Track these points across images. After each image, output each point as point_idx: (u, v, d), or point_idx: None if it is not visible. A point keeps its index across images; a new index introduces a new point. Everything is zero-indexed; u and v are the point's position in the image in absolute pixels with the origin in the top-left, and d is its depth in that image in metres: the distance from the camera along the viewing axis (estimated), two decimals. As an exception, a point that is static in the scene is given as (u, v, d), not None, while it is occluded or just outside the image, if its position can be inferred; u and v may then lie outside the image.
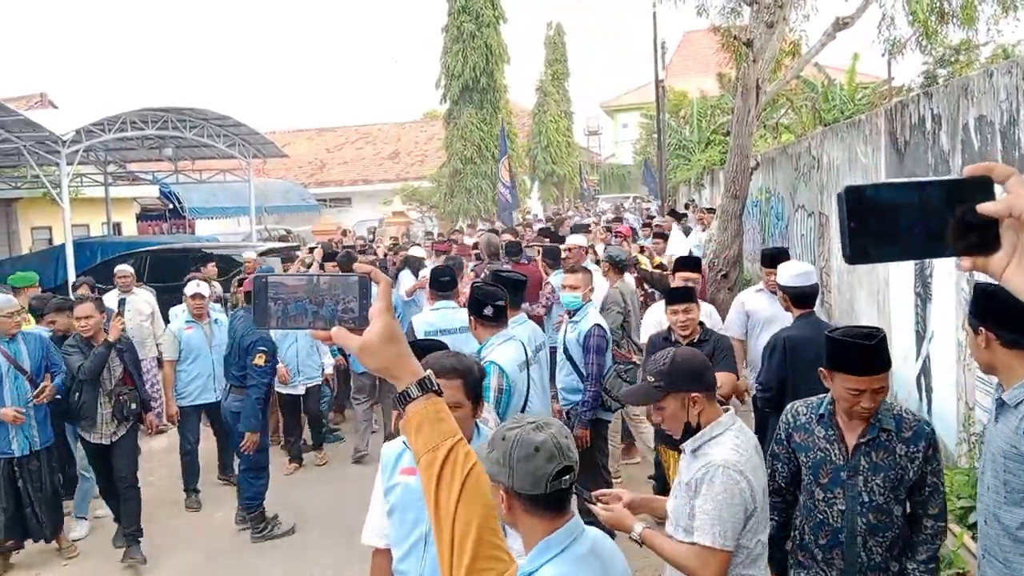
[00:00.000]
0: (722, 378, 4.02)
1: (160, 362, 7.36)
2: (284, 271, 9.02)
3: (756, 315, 5.51)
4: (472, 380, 2.65)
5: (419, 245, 12.92)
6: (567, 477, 1.85)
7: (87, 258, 12.92)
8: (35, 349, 5.71)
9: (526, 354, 4.11)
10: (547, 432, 1.89)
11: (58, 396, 5.66)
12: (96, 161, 16.91)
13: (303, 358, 7.36)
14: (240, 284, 7.10)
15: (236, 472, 6.53)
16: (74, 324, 5.80)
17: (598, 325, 5.20)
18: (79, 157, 12.53)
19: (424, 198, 26.19)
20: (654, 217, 16.72)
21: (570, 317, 5.36)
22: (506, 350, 3.96)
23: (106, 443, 5.64)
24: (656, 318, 5.39)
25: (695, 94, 27.12)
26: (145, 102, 13.14)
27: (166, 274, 11.43)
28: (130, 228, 22.69)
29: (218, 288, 9.08)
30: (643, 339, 5.42)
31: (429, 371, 1.29)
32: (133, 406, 5.72)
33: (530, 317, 5.26)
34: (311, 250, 9.20)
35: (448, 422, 1.28)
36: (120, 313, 7.05)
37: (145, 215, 24.00)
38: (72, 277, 11.33)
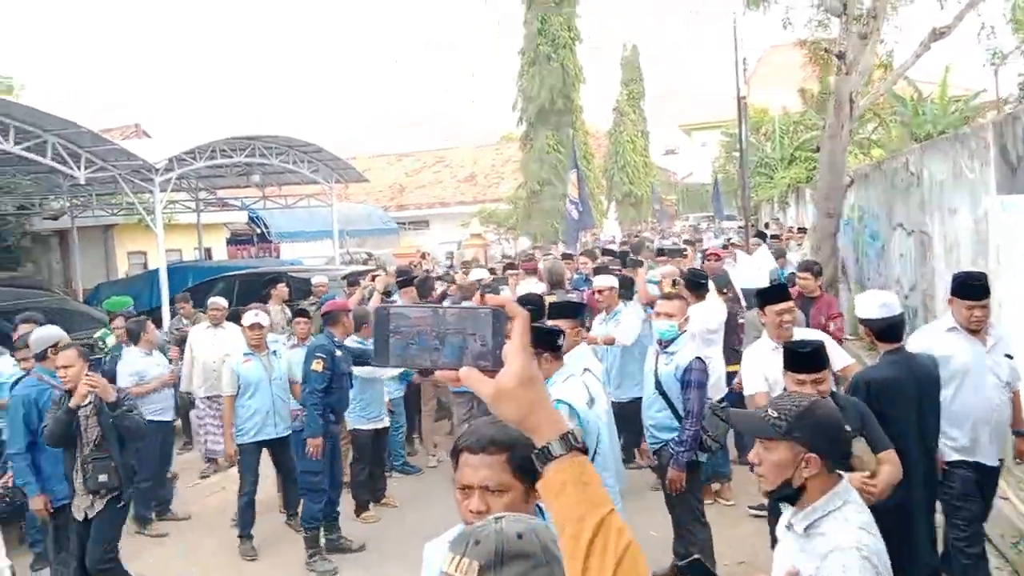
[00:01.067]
0: (886, 464, 3.20)
1: None
2: (347, 295, 8.93)
3: (951, 362, 4.07)
4: (520, 454, 1.94)
5: (483, 267, 12.78)
6: None
7: (180, 282, 13.33)
8: None
9: (588, 389, 3.85)
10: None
11: None
12: (188, 188, 17.54)
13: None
14: (301, 314, 7.06)
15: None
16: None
17: (699, 359, 4.89)
18: (172, 184, 12.96)
19: (501, 220, 26.27)
20: (731, 239, 16.20)
21: (663, 348, 5.00)
22: (573, 387, 3.72)
23: (80, 518, 4.88)
24: (759, 364, 4.57)
25: (776, 111, 26.51)
26: (233, 131, 13.54)
27: (253, 297, 11.67)
28: (220, 253, 23.46)
29: (287, 313, 9.11)
30: (746, 388, 4.73)
31: (573, 425, 1.14)
32: (102, 478, 4.80)
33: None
34: (373, 277, 8.86)
35: (596, 487, 1.11)
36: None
37: (234, 239, 24.80)
38: (166, 301, 11.70)
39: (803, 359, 3.30)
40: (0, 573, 4.37)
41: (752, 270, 7.79)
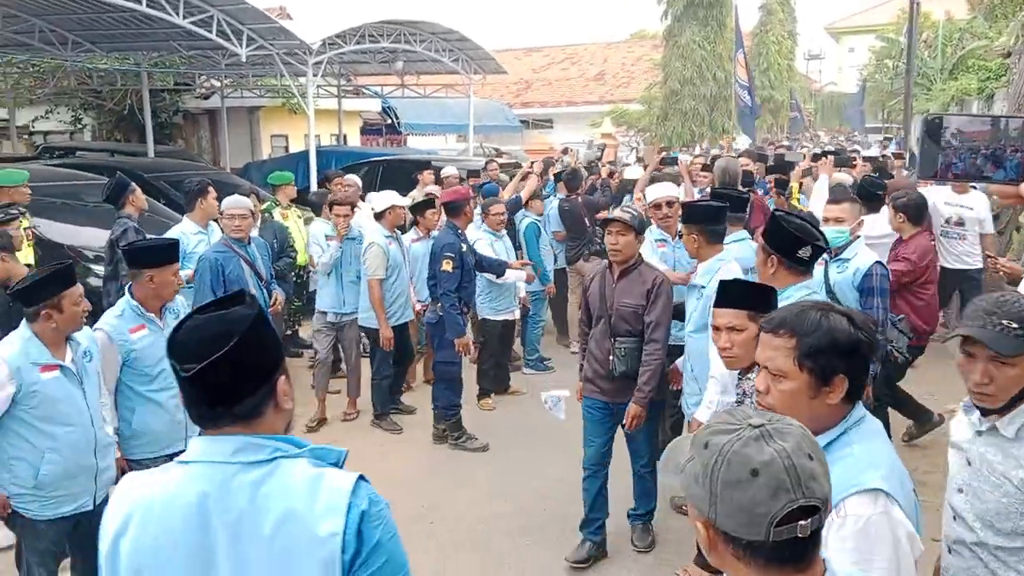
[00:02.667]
0: None
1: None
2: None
3: None
4: (809, 345, 1.86)
5: (633, 165, 12.49)
6: (807, 521, 1.23)
7: (323, 165, 13.70)
8: (265, 254, 5.80)
9: None
10: (775, 446, 1.24)
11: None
12: (329, 73, 17.80)
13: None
14: (429, 205, 6.79)
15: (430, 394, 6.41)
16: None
17: (879, 263, 4.60)
18: (323, 68, 13.15)
19: (633, 121, 25.56)
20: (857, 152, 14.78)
21: (834, 256, 4.71)
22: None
23: None
24: None
25: (940, 16, 24.29)
26: (380, 15, 13.51)
27: (396, 183, 11.89)
28: (354, 141, 23.94)
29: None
30: None
31: None
32: None
33: None
34: (531, 164, 8.79)
35: None
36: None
37: (366, 129, 25.19)
38: (314, 183, 12.07)
39: None
40: None
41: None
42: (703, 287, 4.23)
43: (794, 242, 3.18)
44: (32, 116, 19.30)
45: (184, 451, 1.65)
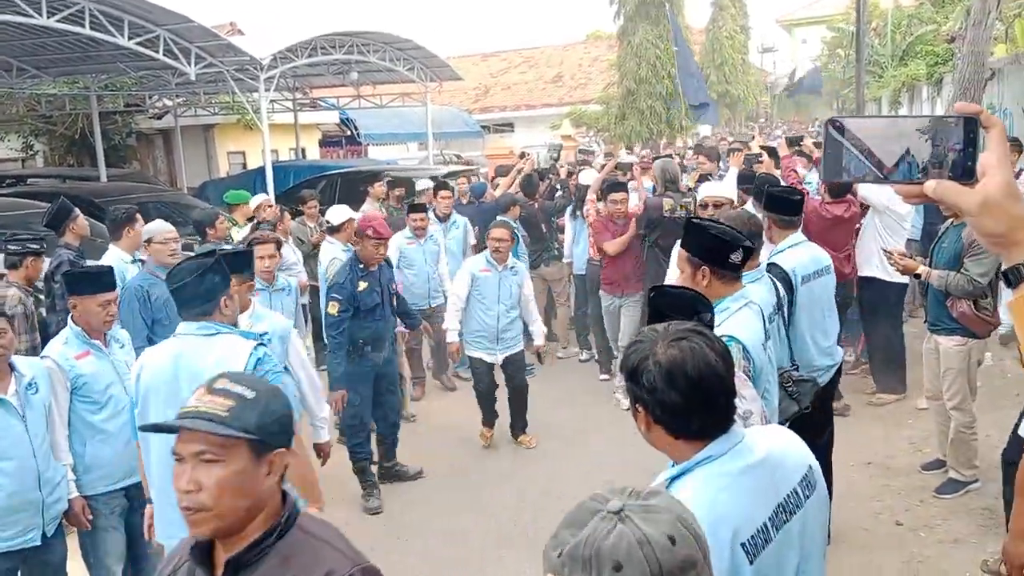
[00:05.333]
0: None
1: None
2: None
3: None
4: (623, 365, 1.82)
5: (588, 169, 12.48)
6: None
7: (281, 181, 13.58)
8: None
9: (765, 325, 3.11)
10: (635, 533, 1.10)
11: None
12: (283, 87, 17.65)
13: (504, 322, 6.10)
14: (418, 209, 7.09)
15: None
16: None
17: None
18: (275, 82, 13.04)
19: (592, 121, 25.66)
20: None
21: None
22: (748, 320, 2.92)
23: None
24: None
25: (888, 5, 24.70)
26: (331, 27, 13.44)
27: (353, 196, 11.81)
28: (313, 153, 23.78)
29: (384, 211, 9.00)
30: None
31: None
32: None
33: None
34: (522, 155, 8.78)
35: None
36: None
37: (325, 141, 25.02)
38: (272, 199, 11.92)
39: None
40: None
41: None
42: None
43: (723, 247, 2.88)
44: (-20, 145, 18.93)
45: (137, 482, 3.34)
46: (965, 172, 1.04)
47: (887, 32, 23.05)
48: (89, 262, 5.47)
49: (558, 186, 9.44)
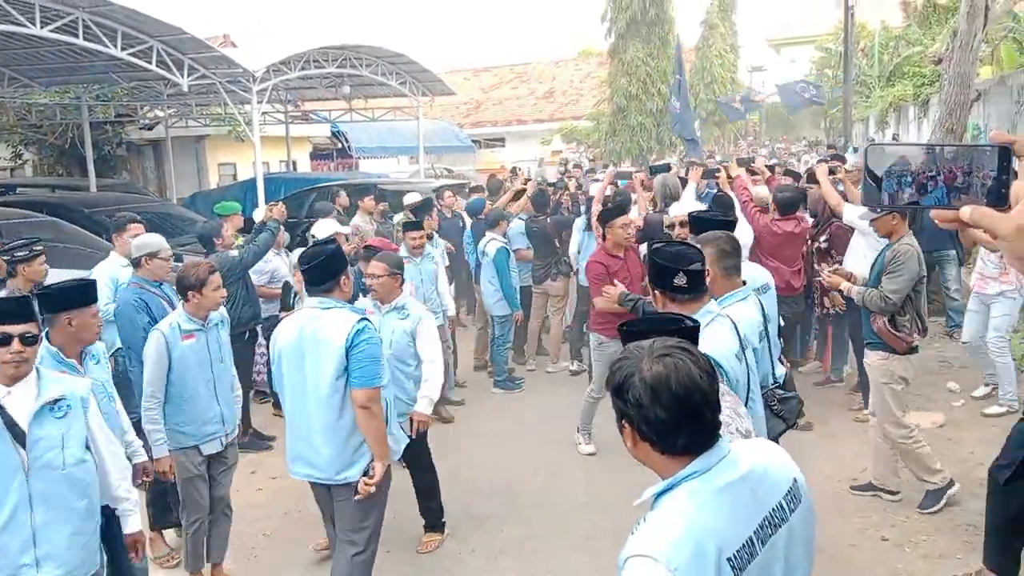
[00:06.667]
0: None
1: None
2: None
3: None
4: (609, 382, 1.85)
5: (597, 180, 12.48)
6: None
7: (272, 192, 13.57)
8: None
9: (739, 336, 3.11)
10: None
11: None
12: (275, 100, 17.67)
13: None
14: (413, 227, 6.97)
15: None
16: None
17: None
18: (268, 95, 13.06)
19: (583, 137, 25.78)
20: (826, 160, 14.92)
21: None
22: (716, 334, 2.96)
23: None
24: None
25: (875, 26, 24.99)
26: (324, 40, 13.48)
27: (349, 208, 11.82)
28: (304, 166, 23.79)
29: (374, 225, 9.02)
30: None
31: None
32: None
33: None
34: (526, 181, 8.82)
35: None
36: None
37: (316, 154, 25.04)
38: (263, 211, 11.90)
39: None
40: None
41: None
42: None
43: (665, 272, 2.99)
44: (-30, 154, 18.85)
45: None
46: (999, 198, 1.09)
47: (874, 53, 23.33)
48: (79, 273, 5.46)
49: (563, 201, 9.40)
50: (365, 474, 3.72)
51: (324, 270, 3.73)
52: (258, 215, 8.21)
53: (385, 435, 3.80)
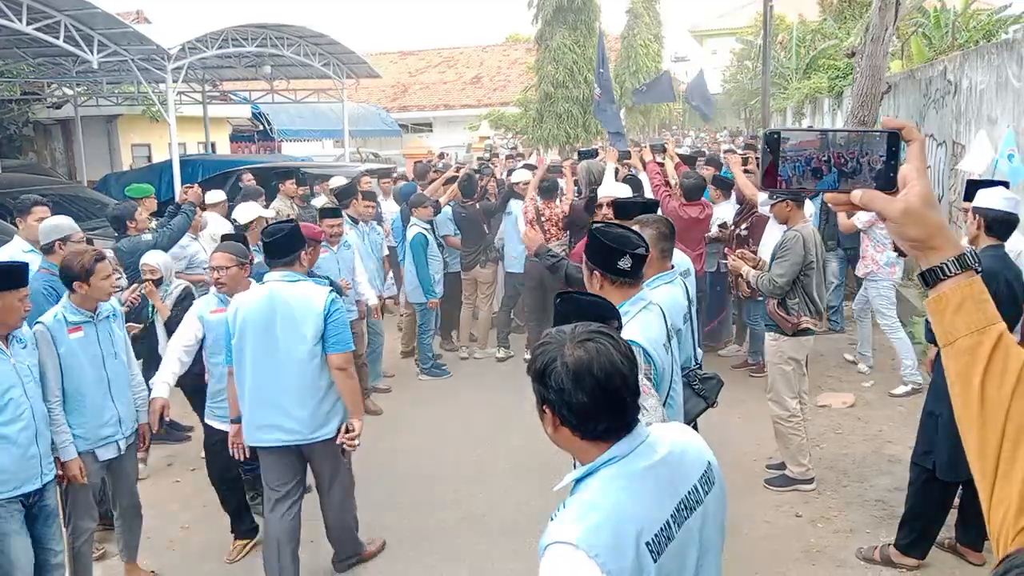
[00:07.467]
0: None
1: None
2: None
3: None
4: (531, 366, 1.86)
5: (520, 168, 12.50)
6: None
7: (189, 175, 13.12)
8: None
9: (667, 324, 3.10)
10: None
11: None
12: (193, 79, 17.07)
13: None
14: (331, 215, 6.65)
15: None
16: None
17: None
18: (183, 74, 12.61)
19: (511, 123, 25.74)
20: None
21: None
22: (648, 322, 2.95)
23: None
24: None
25: (793, 19, 25.71)
26: (245, 18, 13.08)
27: (268, 192, 11.51)
28: (223, 148, 23.09)
29: (295, 209, 8.88)
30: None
31: (969, 247, 1.14)
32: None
33: None
34: (458, 168, 8.98)
35: (991, 305, 1.11)
36: None
37: (236, 136, 24.33)
38: (179, 194, 11.52)
39: None
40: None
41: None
42: None
43: (611, 254, 2.90)
44: None
45: (39, 488, 3.56)
46: (887, 182, 1.13)
47: (792, 46, 24.01)
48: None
49: (489, 188, 9.35)
50: (346, 431, 4.05)
51: (287, 243, 3.97)
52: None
53: (360, 393, 4.18)
